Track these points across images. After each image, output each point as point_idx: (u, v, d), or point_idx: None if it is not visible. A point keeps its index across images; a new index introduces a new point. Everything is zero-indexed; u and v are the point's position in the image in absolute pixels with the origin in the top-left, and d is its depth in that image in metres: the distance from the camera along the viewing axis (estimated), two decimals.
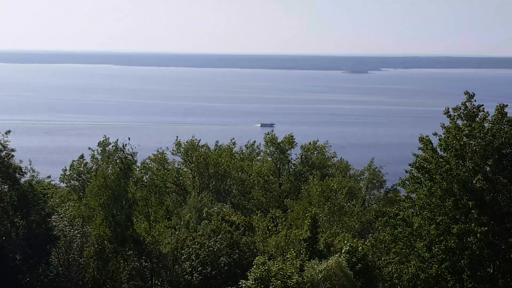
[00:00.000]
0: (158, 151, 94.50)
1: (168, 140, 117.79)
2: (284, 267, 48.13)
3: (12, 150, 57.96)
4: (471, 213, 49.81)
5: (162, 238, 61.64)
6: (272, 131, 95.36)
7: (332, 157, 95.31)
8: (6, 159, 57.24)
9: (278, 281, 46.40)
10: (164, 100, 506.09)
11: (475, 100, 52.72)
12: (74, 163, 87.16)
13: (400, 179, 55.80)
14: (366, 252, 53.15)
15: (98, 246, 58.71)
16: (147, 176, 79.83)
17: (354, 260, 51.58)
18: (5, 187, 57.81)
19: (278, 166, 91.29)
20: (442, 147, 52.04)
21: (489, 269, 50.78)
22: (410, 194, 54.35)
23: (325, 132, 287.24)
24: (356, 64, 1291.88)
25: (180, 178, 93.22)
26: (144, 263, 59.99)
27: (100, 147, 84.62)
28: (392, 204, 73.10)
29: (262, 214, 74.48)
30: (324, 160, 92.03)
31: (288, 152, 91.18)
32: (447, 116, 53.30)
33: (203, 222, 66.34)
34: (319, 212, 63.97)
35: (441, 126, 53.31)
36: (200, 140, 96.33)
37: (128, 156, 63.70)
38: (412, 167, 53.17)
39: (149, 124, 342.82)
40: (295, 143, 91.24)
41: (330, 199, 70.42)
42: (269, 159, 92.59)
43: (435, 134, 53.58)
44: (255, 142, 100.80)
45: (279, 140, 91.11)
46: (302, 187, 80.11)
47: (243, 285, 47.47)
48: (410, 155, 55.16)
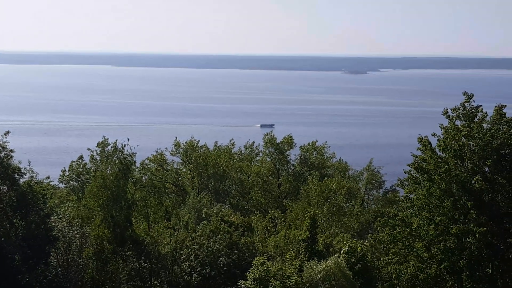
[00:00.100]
0: (157, 151, 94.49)
1: (167, 140, 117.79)
2: (283, 268, 48.17)
3: (11, 151, 58.01)
4: (470, 213, 49.82)
5: (161, 238, 61.65)
6: (271, 131, 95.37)
7: (331, 157, 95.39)
8: (5, 159, 57.29)
9: (277, 281, 46.44)
10: (163, 100, 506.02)
11: (474, 101, 52.68)
12: (73, 163, 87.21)
13: (399, 180, 55.79)
14: (365, 252, 53.19)
15: (97, 247, 58.73)
16: (146, 177, 79.92)
17: (353, 260, 51.63)
18: (4, 187, 57.86)
19: (277, 166, 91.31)
20: (441, 148, 52.00)
21: (488, 269, 50.78)
22: (409, 194, 54.30)
23: (324, 132, 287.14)
24: (355, 65, 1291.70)
25: (179, 178, 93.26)
26: (143, 264, 59.99)
27: (99, 147, 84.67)
28: (391, 204, 73.09)
29: (261, 215, 74.49)
30: (323, 161, 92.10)
31: (287, 152, 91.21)
32: (446, 117, 53.30)
33: (202, 222, 66.35)
34: (318, 213, 63.95)
35: (439, 127, 53.26)
36: (199, 140, 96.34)
37: (127, 156, 63.66)
38: (411, 168, 53.14)
39: (148, 124, 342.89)
40: (294, 144, 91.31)
41: (329, 200, 70.46)
42: (268, 159, 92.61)
43: (434, 135, 53.54)
44: (254, 142, 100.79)
45: (278, 141, 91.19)
46: (301, 188, 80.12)
47: (242, 285, 47.51)
48: (409, 155, 55.18)
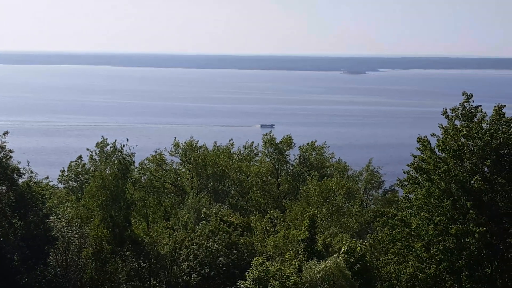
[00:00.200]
0: (156, 152, 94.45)
1: (167, 141, 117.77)
2: (282, 268, 48.14)
3: (10, 151, 57.96)
4: (469, 213, 49.84)
5: (160, 238, 61.61)
6: (271, 131, 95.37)
7: (330, 157, 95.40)
8: (4, 160, 57.26)
9: (277, 281, 46.42)
10: (162, 101, 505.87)
11: (473, 101, 52.72)
12: (72, 164, 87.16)
13: (398, 180, 55.79)
14: (364, 252, 53.17)
15: (96, 247, 58.68)
16: (145, 177, 79.84)
17: (353, 260, 51.60)
18: (3, 188, 57.82)
19: (276, 166, 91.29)
20: (440, 148, 52.02)
21: (487, 269, 50.79)
22: (408, 194, 54.33)
23: (323, 132, 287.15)
24: (354, 65, 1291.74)
25: (178, 178, 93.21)
26: (142, 264, 59.93)
27: (98, 148, 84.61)
28: (390, 204, 73.05)
29: (260, 215, 74.48)
30: (322, 161, 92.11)
31: (286, 152, 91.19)
32: (445, 117, 53.32)
33: (201, 222, 66.33)
34: (318, 213, 63.97)
35: (439, 127, 53.28)
36: (198, 141, 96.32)
37: (126, 157, 63.61)
38: (410, 168, 53.15)
39: (147, 125, 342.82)
40: (293, 144, 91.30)
41: (328, 200, 70.47)
42: (267, 159, 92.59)
43: (433, 135, 53.56)
44: (253, 142, 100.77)
45: (277, 141, 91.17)
46: (300, 188, 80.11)
47: (242, 285, 47.47)
48: (408, 155, 55.21)
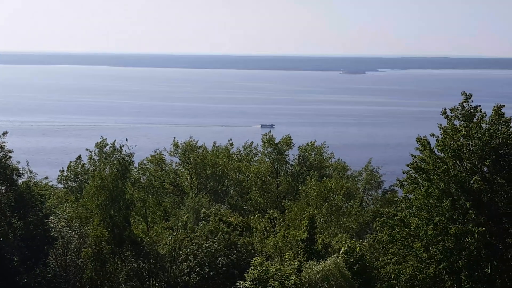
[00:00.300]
0: (155, 152, 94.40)
1: (166, 141, 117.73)
2: (282, 268, 48.13)
3: (10, 151, 58.04)
4: (469, 213, 49.84)
5: (159, 239, 61.58)
6: (270, 131, 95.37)
7: (330, 157, 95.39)
8: (3, 160, 57.29)
9: (276, 281, 46.41)
10: (162, 101, 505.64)
11: (473, 101, 52.73)
12: (72, 164, 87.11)
13: (397, 180, 55.79)
14: (364, 252, 53.15)
15: (95, 247, 58.65)
16: (144, 177, 79.86)
17: (352, 260, 51.58)
18: (2, 188, 57.88)
19: (276, 166, 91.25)
20: (440, 148, 52.03)
21: (486, 269, 50.79)
22: (408, 194, 54.33)
23: (323, 132, 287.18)
24: (354, 65, 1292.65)
25: (178, 179, 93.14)
26: (141, 264, 59.90)
27: (97, 148, 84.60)
28: (389, 204, 73.06)
29: (259, 215, 74.44)
30: (321, 161, 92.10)
31: (285, 152, 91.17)
32: (445, 117, 53.32)
33: (200, 223, 66.32)
34: (317, 213, 63.93)
35: (438, 127, 53.28)
36: (197, 141, 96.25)
37: (126, 157, 63.61)
38: (410, 168, 53.16)
39: (147, 125, 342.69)
40: (292, 144, 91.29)
41: (327, 200, 70.47)
42: (266, 160, 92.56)
43: (433, 135, 53.56)
44: (252, 143, 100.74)
45: (276, 141, 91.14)
46: (300, 188, 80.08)
47: (241, 286, 47.47)
48: (408, 155, 55.18)
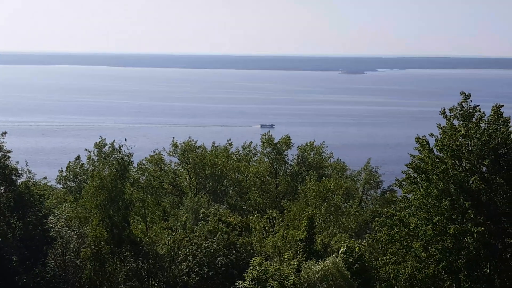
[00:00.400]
0: (154, 152, 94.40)
1: (165, 141, 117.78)
2: (281, 268, 48.12)
3: (9, 152, 57.99)
4: (468, 213, 49.82)
5: (158, 239, 61.57)
6: (269, 131, 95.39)
7: (329, 157, 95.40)
8: (2, 160, 57.23)
9: (275, 281, 46.40)
10: (162, 101, 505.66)
11: (471, 101, 52.69)
12: (71, 164, 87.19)
13: (396, 180, 55.77)
14: (363, 252, 53.14)
15: (94, 247, 58.63)
16: (143, 177, 79.84)
17: (351, 260, 51.57)
18: (1, 188, 57.82)
19: (275, 166, 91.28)
20: (439, 148, 52.02)
21: (485, 269, 50.76)
22: (407, 194, 54.30)
23: (323, 132, 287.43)
24: (353, 65, 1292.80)
25: (177, 179, 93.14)
26: (141, 264, 59.91)
27: (96, 148, 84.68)
28: (388, 204, 73.05)
29: (259, 215, 74.49)
30: (320, 161, 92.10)
31: (284, 152, 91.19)
32: (443, 117, 53.28)
33: (200, 223, 66.34)
34: (316, 213, 63.94)
35: (437, 127, 53.27)
36: (196, 141, 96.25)
37: (125, 157, 63.59)
38: (409, 168, 53.14)
39: (146, 125, 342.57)
40: (291, 144, 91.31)
41: (326, 200, 70.46)
42: (265, 159, 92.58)
43: (431, 135, 53.53)
44: (251, 143, 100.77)
45: (276, 141, 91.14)
46: (299, 188, 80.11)
47: (240, 285, 47.46)
48: (407, 155, 55.16)
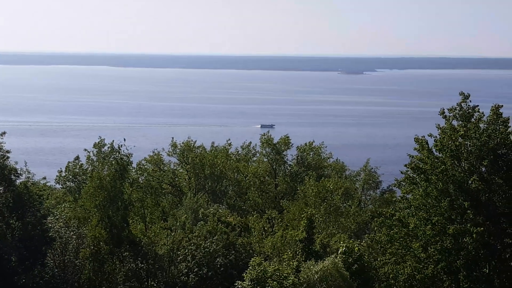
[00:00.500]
0: (154, 152, 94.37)
1: (164, 141, 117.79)
2: (280, 268, 48.11)
3: (8, 152, 57.99)
4: (467, 213, 49.79)
5: (158, 239, 61.55)
6: (268, 131, 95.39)
7: (328, 157, 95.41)
8: (1, 160, 57.24)
9: (274, 282, 46.38)
10: (161, 101, 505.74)
11: (471, 101, 52.67)
12: (70, 164, 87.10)
13: (396, 180, 55.77)
14: (362, 252, 53.14)
15: (93, 248, 58.62)
16: (143, 177, 79.74)
17: (350, 260, 51.57)
18: (0, 188, 57.77)
19: (274, 167, 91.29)
20: (438, 148, 52.00)
21: (485, 269, 50.76)
22: (406, 194, 54.30)
23: (322, 133, 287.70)
24: (352, 65, 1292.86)
25: (176, 179, 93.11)
26: (140, 264, 59.90)
27: (95, 148, 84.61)
28: (388, 204, 73.09)
29: (258, 215, 74.45)
30: (320, 161, 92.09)
31: (284, 153, 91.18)
32: (443, 117, 53.24)
33: (199, 223, 66.32)
34: (315, 213, 63.93)
35: (436, 127, 53.24)
36: (195, 141, 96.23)
37: (124, 157, 63.57)
38: (408, 168, 53.12)
39: (145, 125, 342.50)
40: (291, 144, 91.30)
41: (326, 200, 70.43)
42: (265, 160, 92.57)
43: (430, 135, 53.50)
44: (250, 143, 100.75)
45: (275, 141, 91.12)
46: (298, 188, 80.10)
47: (239, 286, 47.43)
48: (406, 155, 55.15)
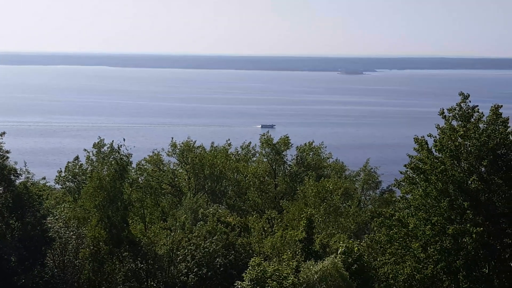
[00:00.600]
0: (153, 152, 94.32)
1: (164, 141, 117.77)
2: (279, 268, 48.10)
3: (7, 152, 57.95)
4: (467, 213, 49.81)
5: (157, 239, 61.54)
6: (268, 131, 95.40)
7: (328, 158, 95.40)
8: (1, 160, 57.20)
9: (274, 282, 46.37)
10: (160, 101, 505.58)
11: (470, 101, 52.70)
12: (69, 164, 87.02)
13: (395, 180, 55.80)
14: (361, 252, 53.15)
15: (93, 248, 58.62)
16: (142, 178, 79.71)
17: (350, 260, 51.56)
18: (0, 189, 57.73)
19: (274, 167, 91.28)
20: (437, 148, 52.03)
21: (484, 269, 50.77)
22: (406, 194, 54.33)
23: (322, 133, 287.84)
24: (351, 65, 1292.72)
25: (176, 179, 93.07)
26: (139, 265, 59.87)
27: (95, 148, 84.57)
28: (387, 204, 73.13)
29: (257, 215, 74.44)
30: (319, 161, 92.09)
31: (283, 153, 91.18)
32: (442, 117, 53.26)
33: (198, 223, 66.29)
34: (315, 213, 63.91)
35: (436, 127, 53.27)
36: (195, 141, 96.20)
37: (123, 157, 63.54)
38: (407, 168, 53.14)
39: (145, 125, 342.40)
40: (290, 144, 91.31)
41: (325, 200, 70.43)
42: (264, 160, 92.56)
43: (430, 136, 53.53)
44: (250, 143, 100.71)
45: (275, 141, 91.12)
46: (298, 188, 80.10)
47: (239, 286, 47.41)
48: (406, 156, 55.17)
